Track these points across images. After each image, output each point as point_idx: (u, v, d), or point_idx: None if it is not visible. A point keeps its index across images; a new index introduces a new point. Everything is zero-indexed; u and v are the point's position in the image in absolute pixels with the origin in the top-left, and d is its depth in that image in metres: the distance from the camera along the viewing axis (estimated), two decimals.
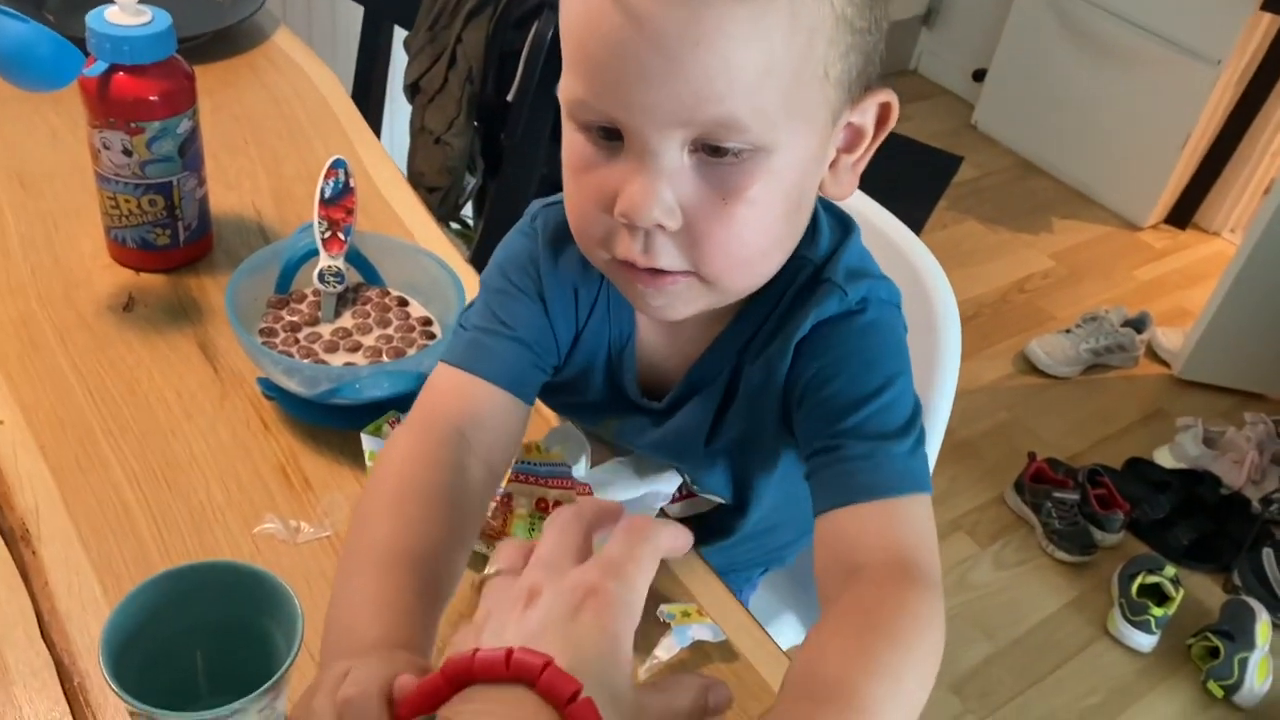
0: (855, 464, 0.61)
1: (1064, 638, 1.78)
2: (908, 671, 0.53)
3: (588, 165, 0.58)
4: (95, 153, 0.84)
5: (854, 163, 0.62)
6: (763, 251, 0.60)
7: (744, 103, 0.52)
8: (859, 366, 0.63)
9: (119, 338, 0.83)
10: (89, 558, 0.68)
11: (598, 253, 0.61)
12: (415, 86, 1.40)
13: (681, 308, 0.62)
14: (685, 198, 0.56)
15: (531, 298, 0.68)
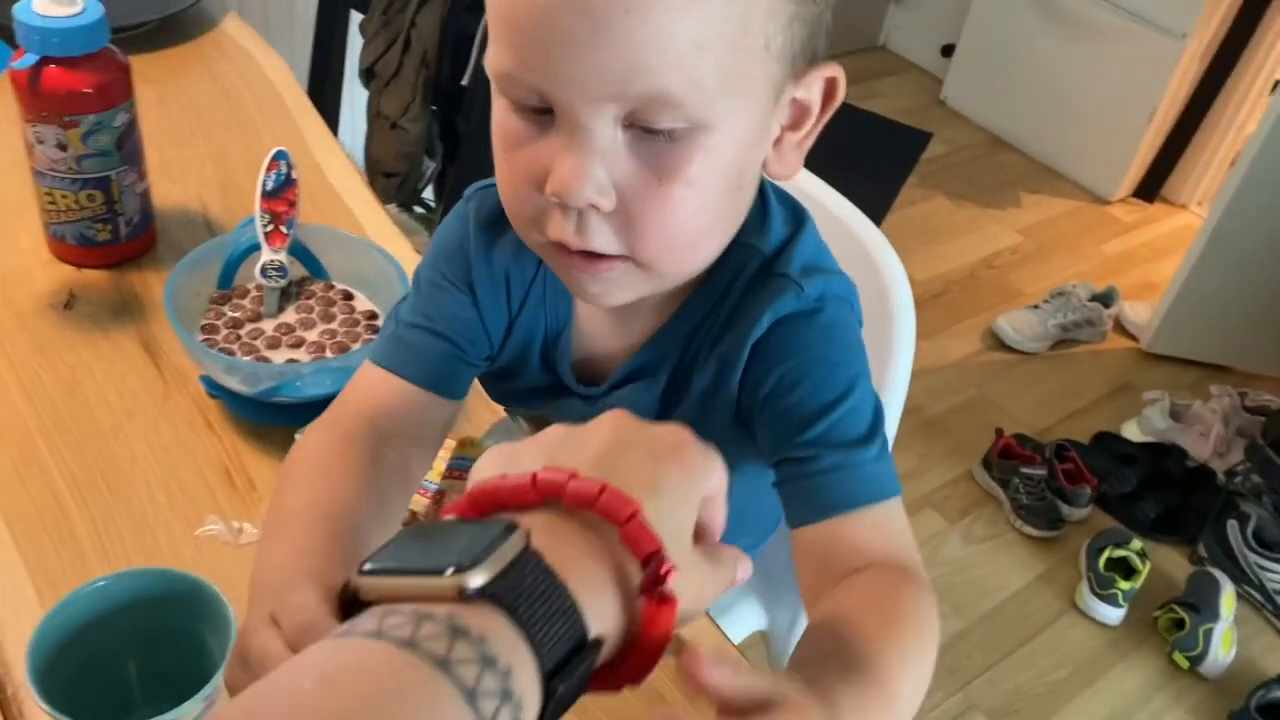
0: (829, 476, 0.60)
1: (1033, 612, 1.79)
2: (927, 658, 0.54)
3: (518, 141, 0.55)
4: (29, 147, 0.82)
5: (799, 140, 0.60)
6: (700, 234, 0.58)
7: (678, 76, 0.50)
8: (822, 373, 0.62)
9: (59, 336, 0.82)
10: (25, 563, 0.66)
11: (530, 234, 0.59)
12: (370, 71, 1.39)
13: (618, 294, 0.60)
14: (619, 176, 0.53)
15: (460, 289, 0.67)
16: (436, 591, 0.36)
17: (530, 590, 0.36)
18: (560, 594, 0.37)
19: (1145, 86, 2.64)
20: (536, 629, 0.36)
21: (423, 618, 0.34)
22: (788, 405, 0.62)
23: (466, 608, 0.35)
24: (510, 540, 0.37)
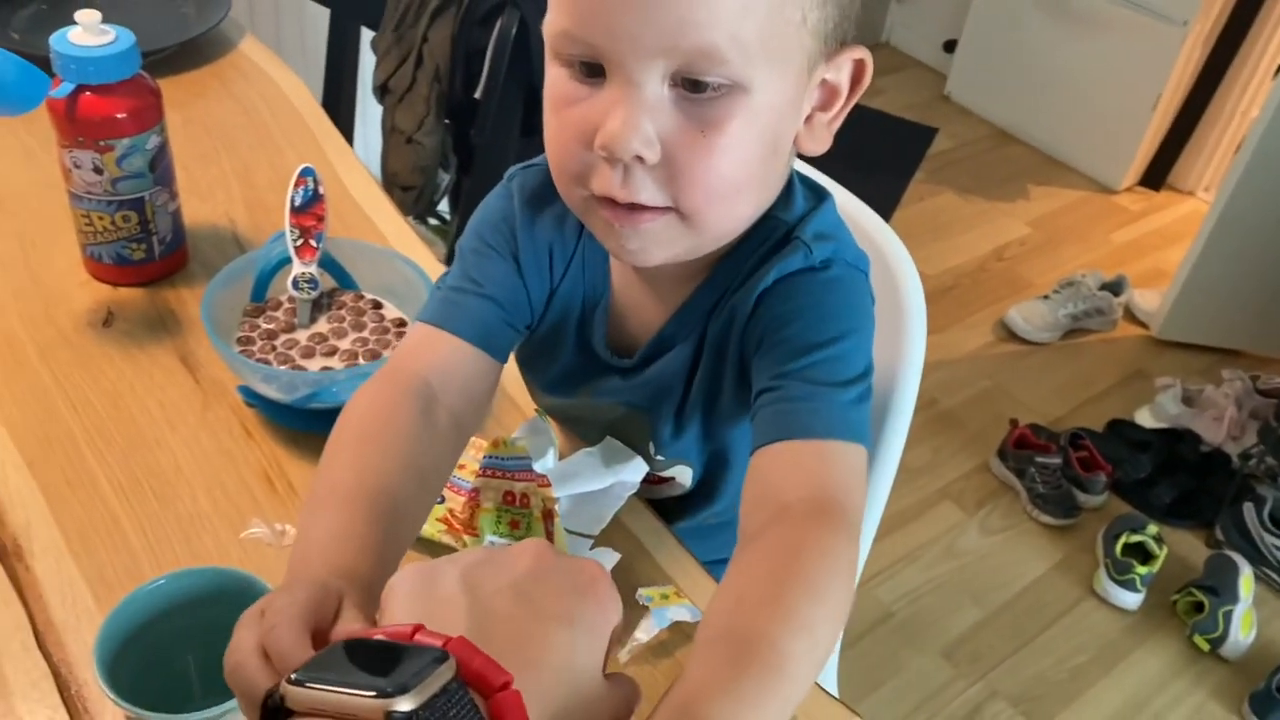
0: (796, 404, 0.62)
1: (1051, 600, 1.81)
2: (822, 623, 0.54)
3: (569, 100, 0.59)
4: (66, 172, 0.85)
5: (829, 120, 0.64)
6: (738, 188, 0.61)
7: (724, 32, 0.54)
8: (815, 316, 0.65)
9: (100, 353, 0.85)
10: (80, 570, 0.69)
11: (575, 190, 0.61)
12: (384, 87, 1.42)
13: (657, 251, 0.62)
14: (665, 131, 0.57)
15: (504, 257, 0.70)
16: (364, 711, 0.36)
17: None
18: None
19: (1148, 75, 2.66)
20: None
21: None
22: (777, 341, 0.65)
23: None
24: (439, 670, 0.37)
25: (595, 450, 0.76)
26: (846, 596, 0.56)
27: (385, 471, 0.59)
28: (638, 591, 0.70)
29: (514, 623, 0.42)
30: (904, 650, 1.69)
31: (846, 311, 0.66)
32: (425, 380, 0.64)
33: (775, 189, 0.66)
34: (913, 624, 1.74)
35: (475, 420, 0.68)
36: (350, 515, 0.56)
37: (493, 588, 0.44)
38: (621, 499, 0.74)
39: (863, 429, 0.63)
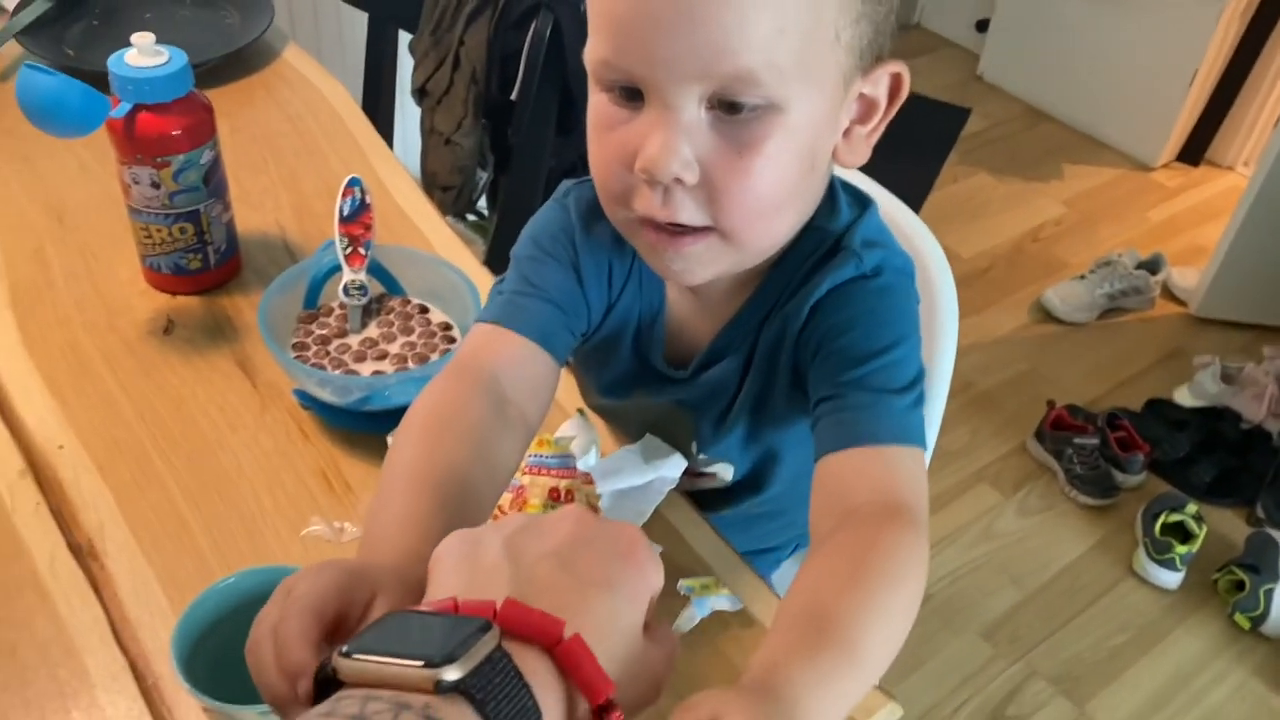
0: (857, 413, 0.65)
1: (1090, 580, 1.82)
2: (898, 610, 0.57)
3: (610, 125, 0.61)
4: (126, 187, 0.89)
5: (867, 134, 0.66)
6: (777, 206, 0.63)
7: (759, 57, 0.56)
8: (870, 324, 0.67)
9: (162, 359, 0.89)
10: (152, 568, 0.73)
11: (620, 211, 0.64)
12: (422, 90, 1.45)
13: (700, 270, 0.65)
14: (703, 153, 0.59)
15: (564, 265, 0.72)
16: (413, 681, 0.38)
17: (499, 689, 0.39)
18: (526, 695, 0.39)
19: (1185, 49, 2.63)
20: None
21: (401, 706, 0.37)
22: (834, 349, 0.67)
23: (441, 700, 0.37)
24: (484, 639, 0.39)
25: (636, 447, 0.79)
26: (919, 590, 0.59)
27: (456, 459, 0.60)
28: (679, 582, 0.73)
29: (556, 589, 0.44)
30: (943, 631, 1.71)
31: (898, 318, 0.69)
32: (494, 375, 0.66)
33: (815, 201, 0.68)
34: (952, 605, 1.75)
35: (539, 416, 0.70)
36: (419, 500, 0.57)
37: (535, 555, 0.45)
38: (661, 494, 0.77)
39: (920, 432, 0.65)
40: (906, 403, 0.66)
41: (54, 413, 0.84)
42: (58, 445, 0.81)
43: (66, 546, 0.74)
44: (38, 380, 0.86)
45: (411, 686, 0.38)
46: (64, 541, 0.75)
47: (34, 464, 0.80)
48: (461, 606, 0.42)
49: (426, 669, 0.38)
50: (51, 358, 0.88)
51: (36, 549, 0.74)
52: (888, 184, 1.05)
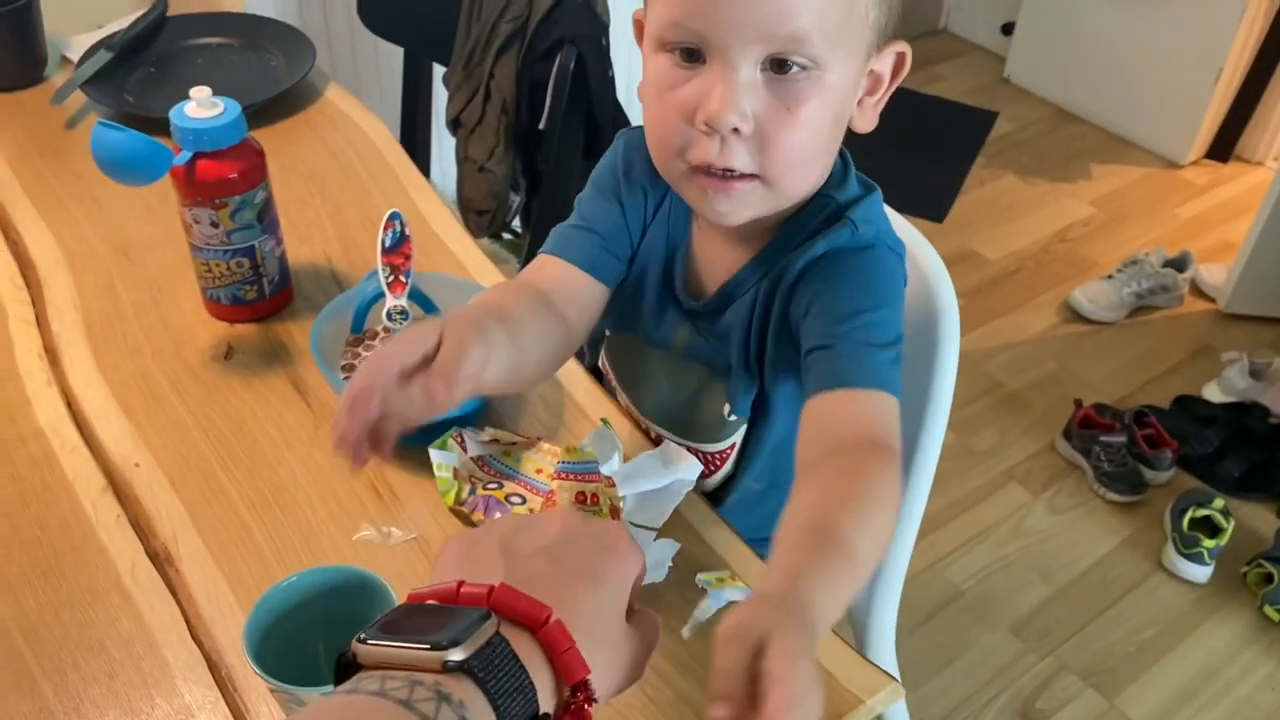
0: (845, 359, 0.74)
1: (1120, 575, 1.85)
2: (884, 529, 0.66)
3: (672, 84, 0.71)
4: (187, 227, 0.98)
5: (875, 103, 0.77)
6: (814, 155, 0.74)
7: (812, 22, 0.67)
8: (859, 284, 0.77)
9: (223, 383, 0.97)
10: (221, 571, 0.82)
11: (675, 163, 0.74)
12: (456, 121, 1.53)
13: (743, 211, 0.75)
14: (756, 108, 0.69)
15: (610, 200, 0.86)
16: (423, 663, 0.44)
17: (498, 668, 0.45)
18: (521, 673, 0.46)
19: (1210, 46, 2.65)
20: (502, 700, 0.45)
21: (415, 683, 0.43)
22: (825, 305, 0.76)
23: (449, 678, 0.44)
24: (484, 626, 0.46)
25: (655, 453, 0.85)
26: (896, 515, 0.70)
27: (513, 307, 0.75)
28: (697, 576, 0.80)
29: (547, 581, 0.51)
30: (974, 628, 1.76)
31: (885, 284, 0.78)
32: (543, 290, 0.80)
33: (833, 159, 0.78)
34: (982, 602, 1.80)
35: (581, 328, 0.83)
36: (484, 318, 0.70)
37: (528, 551, 0.53)
38: (680, 495, 0.83)
39: (898, 386, 0.75)
40: (889, 357, 0.75)
41: (129, 434, 0.92)
42: (134, 463, 0.90)
43: (145, 554, 0.83)
44: (114, 405, 0.95)
45: (423, 667, 0.45)
46: (143, 549, 0.83)
47: (114, 481, 0.88)
48: (463, 590, 0.49)
49: (435, 651, 0.45)
50: (125, 384, 0.97)
51: (119, 557, 0.82)
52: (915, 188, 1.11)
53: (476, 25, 1.49)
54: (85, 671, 0.75)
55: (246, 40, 1.44)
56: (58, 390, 0.96)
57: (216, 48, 1.43)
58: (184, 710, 0.72)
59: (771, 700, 0.47)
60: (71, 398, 0.95)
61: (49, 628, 0.77)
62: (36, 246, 1.12)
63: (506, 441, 0.88)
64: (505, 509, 0.83)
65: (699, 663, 0.76)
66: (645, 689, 0.74)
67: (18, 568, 0.81)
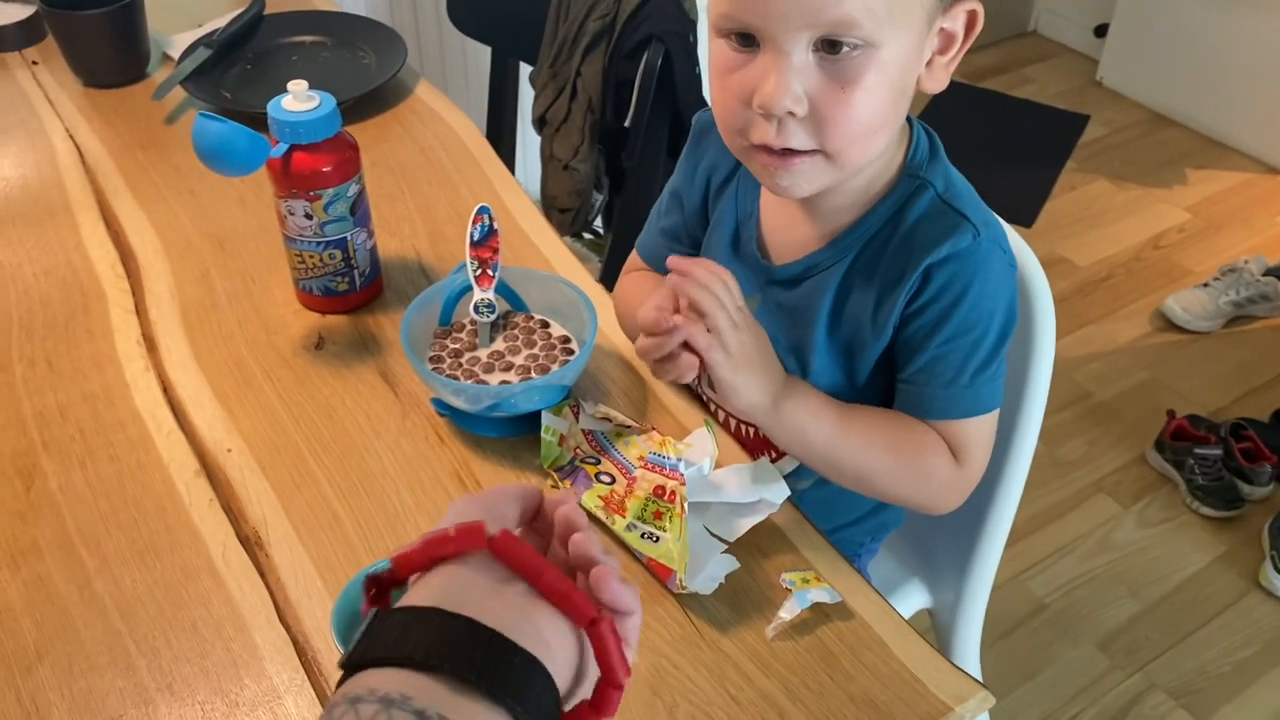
0: (943, 389, 0.81)
1: (1214, 593, 1.79)
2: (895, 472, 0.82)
3: (730, 68, 0.74)
4: (282, 218, 0.99)
5: (947, 62, 0.77)
6: (873, 129, 0.74)
7: (858, 5, 0.67)
8: (966, 304, 0.79)
9: (314, 372, 0.99)
10: (309, 556, 0.83)
11: (737, 140, 0.77)
12: (542, 119, 1.54)
13: (806, 185, 0.77)
14: (810, 88, 0.71)
15: (675, 197, 0.96)
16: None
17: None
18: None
19: None
20: None
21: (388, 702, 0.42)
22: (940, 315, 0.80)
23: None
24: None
25: (747, 467, 0.84)
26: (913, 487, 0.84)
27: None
28: (782, 575, 0.79)
29: None
30: (1058, 642, 1.71)
31: (998, 289, 0.80)
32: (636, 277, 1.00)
33: (900, 124, 0.79)
34: (1066, 616, 1.75)
35: None
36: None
37: None
38: (762, 515, 0.81)
39: (993, 396, 0.82)
40: (987, 375, 0.81)
41: (222, 420, 0.94)
42: (226, 449, 0.92)
43: (236, 537, 0.84)
44: (207, 391, 0.97)
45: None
46: (234, 533, 0.84)
47: (206, 465, 0.90)
48: (456, 531, 0.48)
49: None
50: (219, 370, 0.99)
51: (210, 539, 0.84)
52: (1003, 192, 1.11)
53: (564, 24, 1.50)
54: (178, 650, 0.76)
55: (340, 38, 1.46)
56: (155, 376, 0.99)
57: (311, 45, 1.46)
58: (271, 692, 0.74)
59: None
60: (167, 383, 0.98)
61: (144, 606, 0.79)
62: (136, 237, 1.16)
63: (620, 423, 0.89)
64: (590, 484, 0.83)
65: (782, 663, 0.74)
66: (727, 687, 0.73)
67: (115, 547, 0.83)
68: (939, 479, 0.82)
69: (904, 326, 0.82)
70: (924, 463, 0.82)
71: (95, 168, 1.26)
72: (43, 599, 0.79)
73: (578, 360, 0.89)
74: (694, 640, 0.76)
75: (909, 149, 0.82)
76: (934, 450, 0.82)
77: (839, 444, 0.81)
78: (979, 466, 0.83)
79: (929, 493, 0.84)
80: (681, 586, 0.77)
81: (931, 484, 0.83)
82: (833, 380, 0.87)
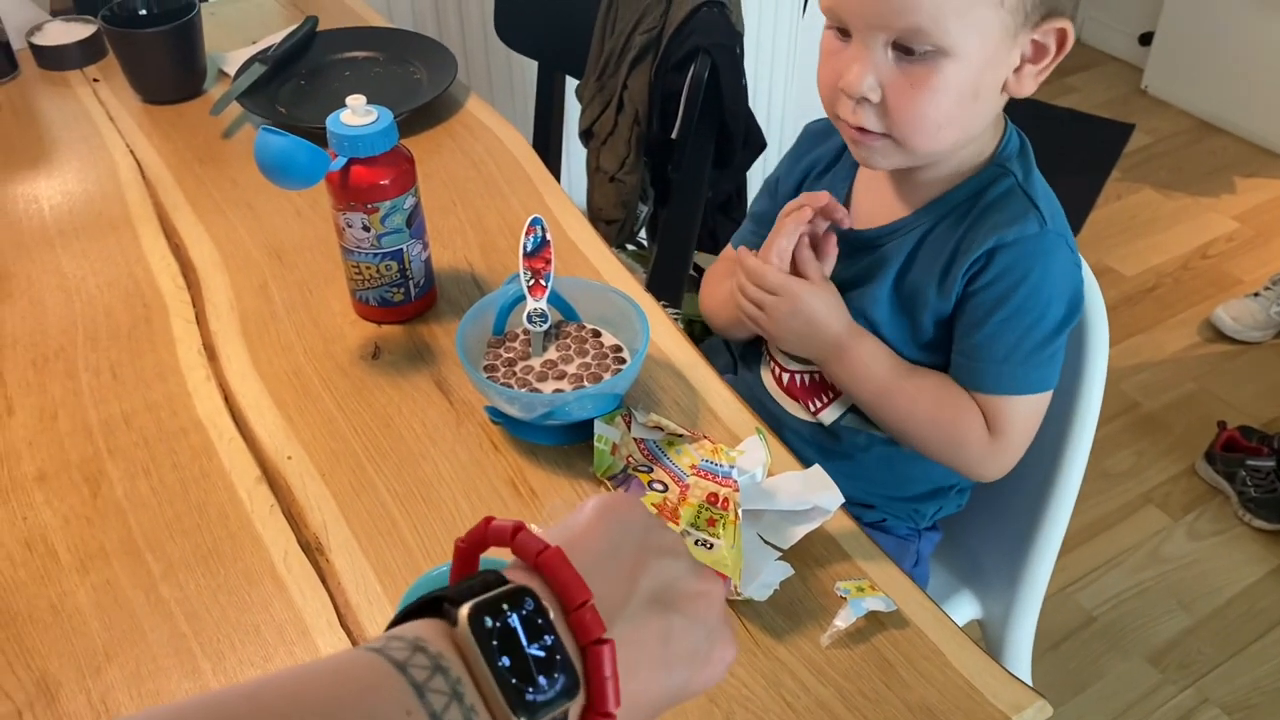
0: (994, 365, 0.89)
1: (1268, 606, 1.76)
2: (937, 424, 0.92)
3: (832, 52, 0.87)
4: (340, 230, 1.01)
5: (1037, 72, 0.85)
6: (939, 125, 0.84)
7: (926, 15, 0.78)
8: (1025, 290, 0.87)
9: (371, 381, 1.01)
10: (369, 562, 0.84)
11: (832, 112, 0.89)
12: (589, 132, 1.55)
13: (880, 160, 0.89)
14: (885, 80, 0.83)
15: (772, 194, 1.09)
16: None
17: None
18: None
19: None
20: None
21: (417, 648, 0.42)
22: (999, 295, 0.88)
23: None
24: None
25: (800, 475, 0.85)
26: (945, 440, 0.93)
27: None
28: (836, 584, 0.79)
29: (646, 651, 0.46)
30: (1107, 655, 1.69)
31: (1061, 278, 0.88)
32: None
33: (980, 122, 0.88)
34: (1116, 629, 1.73)
35: None
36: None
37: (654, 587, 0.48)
38: (816, 522, 0.82)
39: (1053, 375, 0.91)
40: (1050, 351, 0.89)
41: (282, 428, 0.96)
42: (286, 456, 0.93)
43: (297, 543, 0.86)
44: (268, 399, 0.99)
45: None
46: (295, 538, 0.86)
47: (267, 472, 0.92)
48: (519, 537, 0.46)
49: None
50: (278, 379, 1.01)
51: (273, 545, 0.86)
52: None
53: (610, 38, 1.51)
54: (242, 654, 0.78)
55: (391, 53, 1.49)
56: (215, 385, 1.01)
57: (363, 60, 1.48)
58: None
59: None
60: (228, 392, 1.00)
61: (208, 610, 0.81)
62: (196, 249, 1.18)
63: (672, 431, 0.90)
64: (644, 492, 0.84)
65: (837, 671, 0.75)
66: (783, 695, 0.73)
67: (180, 552, 0.85)
68: (972, 447, 0.92)
69: (966, 300, 0.90)
70: (959, 428, 0.91)
71: (155, 182, 1.29)
72: (111, 602, 0.81)
73: (630, 369, 0.90)
74: (749, 648, 0.76)
75: (1000, 143, 0.92)
76: (970, 419, 0.91)
77: (893, 389, 0.93)
78: (1016, 444, 0.92)
79: (963, 457, 0.93)
80: (736, 593, 0.77)
81: (964, 450, 0.92)
82: (892, 335, 0.96)
